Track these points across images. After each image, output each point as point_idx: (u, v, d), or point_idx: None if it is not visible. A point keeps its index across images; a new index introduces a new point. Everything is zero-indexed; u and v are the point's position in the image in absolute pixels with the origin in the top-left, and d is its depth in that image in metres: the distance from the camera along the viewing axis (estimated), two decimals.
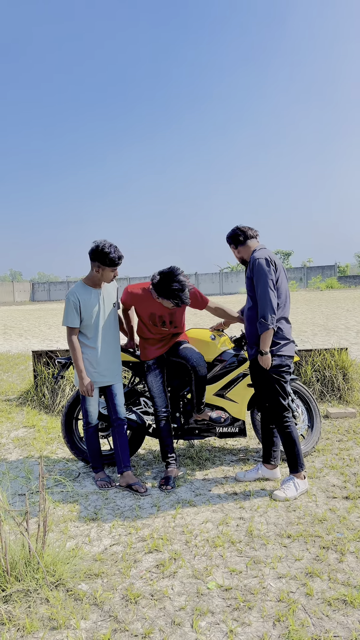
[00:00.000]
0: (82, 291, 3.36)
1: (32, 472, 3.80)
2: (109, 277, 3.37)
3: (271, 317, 3.13)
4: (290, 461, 3.29)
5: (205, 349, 3.80)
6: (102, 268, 3.30)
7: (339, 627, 2.01)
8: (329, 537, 2.69)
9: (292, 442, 3.27)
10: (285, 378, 3.27)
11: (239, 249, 3.41)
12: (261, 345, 3.17)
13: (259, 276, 3.16)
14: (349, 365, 5.72)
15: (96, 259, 3.28)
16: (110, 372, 3.47)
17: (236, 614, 2.11)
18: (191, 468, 3.78)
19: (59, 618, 2.08)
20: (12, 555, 2.31)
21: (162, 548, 2.64)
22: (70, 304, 3.30)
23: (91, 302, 3.36)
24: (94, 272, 3.34)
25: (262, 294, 3.15)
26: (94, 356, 3.40)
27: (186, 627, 2.04)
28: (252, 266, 3.22)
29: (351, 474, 3.55)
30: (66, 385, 5.59)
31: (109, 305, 3.47)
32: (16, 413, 5.51)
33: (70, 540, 2.76)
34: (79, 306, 3.31)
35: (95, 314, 3.37)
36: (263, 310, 3.13)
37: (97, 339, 3.40)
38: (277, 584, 2.31)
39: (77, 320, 3.32)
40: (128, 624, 2.06)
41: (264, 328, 3.13)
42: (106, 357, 3.44)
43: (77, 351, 3.31)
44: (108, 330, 3.45)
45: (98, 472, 3.56)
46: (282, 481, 3.33)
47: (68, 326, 3.32)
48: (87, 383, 3.31)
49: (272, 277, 3.17)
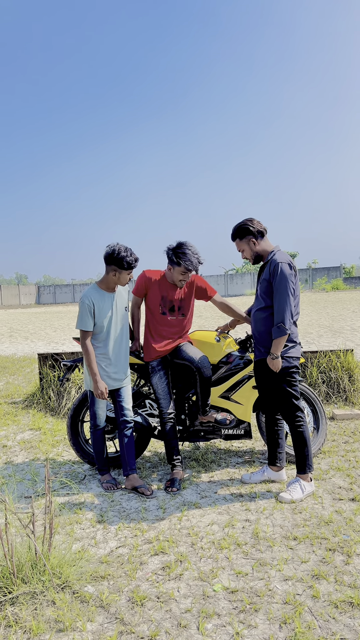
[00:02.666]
0: (96, 295, 3.37)
1: (38, 474, 3.81)
2: (125, 280, 3.38)
3: (289, 323, 3.13)
4: (299, 461, 3.29)
5: (210, 350, 3.80)
6: (119, 272, 3.32)
7: (345, 629, 2.00)
8: (335, 539, 2.68)
9: (303, 442, 3.27)
10: (295, 378, 3.28)
11: (259, 242, 3.31)
12: (273, 349, 3.16)
13: (280, 281, 3.12)
14: (355, 366, 5.70)
15: (112, 263, 3.29)
16: (121, 375, 3.48)
17: (242, 616, 2.11)
18: (197, 470, 3.78)
19: (66, 620, 2.08)
20: (18, 557, 2.32)
21: (168, 550, 2.64)
22: (85, 307, 3.31)
23: (105, 306, 3.37)
24: (111, 276, 3.35)
25: (282, 299, 3.12)
26: (106, 360, 3.41)
27: (192, 629, 2.04)
28: (273, 270, 3.17)
29: (357, 475, 3.54)
30: (72, 388, 5.60)
31: (121, 309, 3.49)
32: (22, 416, 5.53)
33: (77, 542, 2.77)
34: (93, 310, 3.33)
35: (108, 318, 3.38)
36: (282, 315, 3.11)
37: (109, 342, 3.41)
38: (284, 586, 2.31)
39: (91, 323, 3.33)
40: (134, 626, 2.06)
41: (282, 333, 3.12)
42: (118, 361, 3.46)
43: (90, 355, 3.31)
44: (120, 334, 3.46)
45: (104, 475, 3.56)
46: (288, 483, 3.33)
47: (82, 329, 3.33)
48: (103, 387, 3.32)
49: (293, 283, 3.17)
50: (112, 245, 3.30)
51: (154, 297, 3.58)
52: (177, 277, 3.50)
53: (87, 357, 3.32)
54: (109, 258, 3.29)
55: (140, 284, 3.63)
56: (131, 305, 3.75)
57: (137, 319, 3.80)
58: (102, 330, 3.38)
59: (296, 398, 3.28)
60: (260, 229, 3.32)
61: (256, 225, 3.32)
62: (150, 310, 3.63)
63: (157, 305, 3.58)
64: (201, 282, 3.71)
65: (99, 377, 3.32)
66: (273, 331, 3.16)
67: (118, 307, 3.45)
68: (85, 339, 3.32)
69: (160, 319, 3.59)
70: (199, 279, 3.70)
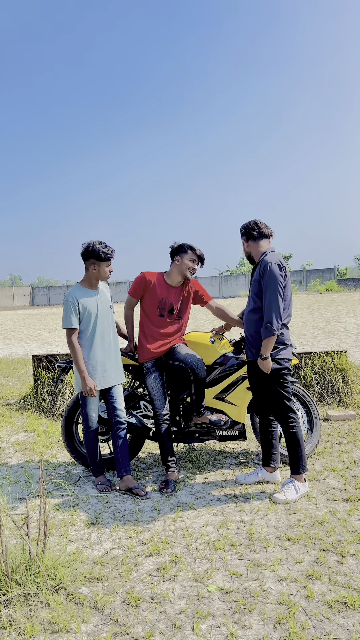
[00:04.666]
0: (79, 293, 3.39)
1: (33, 476, 3.80)
2: (105, 273, 3.43)
3: (277, 324, 3.14)
4: (292, 462, 3.30)
5: (205, 352, 3.81)
6: (98, 264, 3.39)
7: (339, 629, 2.01)
8: (329, 540, 2.70)
9: (296, 443, 3.28)
10: (287, 379, 3.29)
11: (249, 244, 3.39)
12: (263, 349, 3.18)
13: (269, 281, 3.16)
14: (349, 367, 5.72)
15: (90, 257, 3.38)
16: (111, 373, 3.48)
17: (237, 616, 2.11)
18: (191, 471, 3.78)
19: (60, 622, 2.08)
20: (12, 559, 2.31)
21: (162, 551, 2.64)
22: (69, 305, 3.33)
23: (89, 303, 3.39)
24: (91, 270, 3.41)
25: (270, 299, 3.15)
26: (94, 357, 3.42)
27: (187, 630, 2.05)
28: (262, 270, 3.21)
29: (351, 476, 3.56)
30: (66, 390, 5.59)
31: (106, 306, 3.51)
32: (16, 417, 5.51)
33: (71, 544, 2.76)
34: (78, 307, 3.35)
35: (94, 315, 3.39)
36: (270, 316, 3.14)
37: (96, 340, 3.42)
38: (278, 586, 2.32)
39: (77, 321, 3.35)
40: (129, 628, 2.06)
41: (270, 333, 3.14)
42: (107, 358, 3.46)
43: (77, 352, 3.32)
44: (106, 331, 3.47)
45: (98, 476, 3.56)
46: (282, 484, 3.34)
47: (68, 328, 3.34)
48: (91, 384, 3.32)
49: (282, 284, 3.19)
50: (86, 242, 3.41)
51: (153, 299, 3.59)
52: (186, 265, 3.58)
53: (74, 355, 3.33)
54: (86, 253, 3.39)
55: (139, 285, 3.63)
56: (125, 306, 3.76)
57: (131, 320, 3.80)
58: (89, 327, 3.39)
59: (288, 399, 3.29)
60: (254, 231, 3.35)
61: (250, 228, 3.35)
62: (146, 312, 3.63)
63: (155, 307, 3.59)
64: (198, 286, 3.76)
65: (87, 374, 3.33)
66: (262, 331, 3.18)
67: (102, 304, 3.48)
68: (72, 336, 3.34)
69: (157, 321, 3.59)
70: (196, 283, 3.75)
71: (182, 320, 3.68)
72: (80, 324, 3.38)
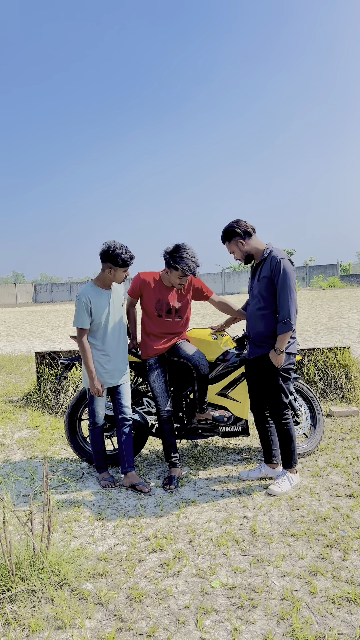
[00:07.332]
0: (92, 292, 3.37)
1: (36, 472, 3.81)
2: (120, 277, 3.38)
3: (295, 318, 3.17)
4: (285, 457, 3.35)
5: (208, 348, 3.81)
6: (114, 269, 3.32)
7: (342, 624, 2.02)
8: (332, 536, 2.70)
9: (289, 438, 3.32)
10: (290, 374, 3.32)
11: (247, 241, 3.32)
12: (279, 344, 3.18)
13: (284, 277, 3.15)
14: (352, 363, 5.71)
15: (108, 260, 3.29)
16: (120, 372, 3.48)
17: (240, 612, 2.12)
18: (194, 467, 3.79)
19: (64, 617, 2.09)
20: (17, 555, 2.32)
21: (166, 547, 2.65)
22: (82, 304, 3.31)
23: (102, 303, 3.37)
24: (106, 273, 3.35)
25: (287, 295, 3.15)
26: (104, 357, 3.41)
27: (190, 625, 2.05)
28: (275, 266, 3.19)
29: (354, 472, 3.56)
30: (69, 386, 5.60)
31: (118, 307, 3.49)
32: (20, 414, 5.53)
33: (75, 540, 2.77)
34: (90, 307, 3.33)
35: (105, 315, 3.38)
36: (288, 311, 3.14)
37: (106, 340, 3.41)
38: (281, 582, 2.32)
39: (88, 321, 3.33)
40: (132, 623, 2.07)
41: (288, 329, 3.15)
42: (116, 358, 3.46)
43: (87, 352, 3.32)
44: (117, 331, 3.46)
45: (102, 472, 3.57)
46: (276, 476, 3.37)
47: (79, 327, 3.33)
48: (99, 385, 3.32)
49: (295, 279, 3.21)
50: (108, 242, 3.30)
51: (150, 300, 3.57)
52: (174, 280, 3.49)
53: (84, 355, 3.32)
54: (104, 255, 3.29)
55: (135, 286, 3.61)
56: (126, 304, 3.75)
57: (134, 317, 3.80)
58: (100, 327, 3.38)
59: (286, 395, 3.32)
60: (247, 228, 3.33)
61: (242, 226, 3.34)
62: (146, 312, 3.62)
63: (153, 308, 3.57)
64: (198, 283, 3.70)
65: (96, 374, 3.33)
66: (279, 327, 3.18)
67: (115, 304, 3.45)
68: (82, 336, 3.33)
69: (157, 320, 3.58)
70: (195, 279, 3.71)
71: (183, 319, 3.66)
72: (91, 324, 3.37)
